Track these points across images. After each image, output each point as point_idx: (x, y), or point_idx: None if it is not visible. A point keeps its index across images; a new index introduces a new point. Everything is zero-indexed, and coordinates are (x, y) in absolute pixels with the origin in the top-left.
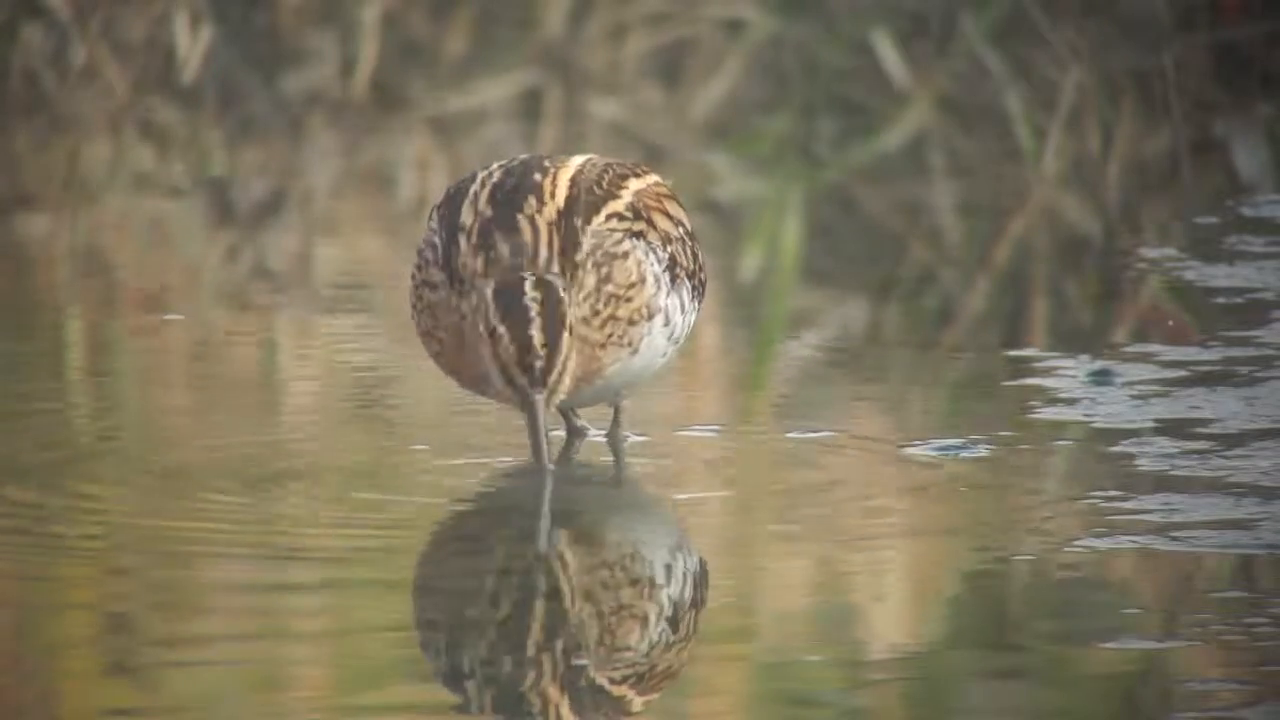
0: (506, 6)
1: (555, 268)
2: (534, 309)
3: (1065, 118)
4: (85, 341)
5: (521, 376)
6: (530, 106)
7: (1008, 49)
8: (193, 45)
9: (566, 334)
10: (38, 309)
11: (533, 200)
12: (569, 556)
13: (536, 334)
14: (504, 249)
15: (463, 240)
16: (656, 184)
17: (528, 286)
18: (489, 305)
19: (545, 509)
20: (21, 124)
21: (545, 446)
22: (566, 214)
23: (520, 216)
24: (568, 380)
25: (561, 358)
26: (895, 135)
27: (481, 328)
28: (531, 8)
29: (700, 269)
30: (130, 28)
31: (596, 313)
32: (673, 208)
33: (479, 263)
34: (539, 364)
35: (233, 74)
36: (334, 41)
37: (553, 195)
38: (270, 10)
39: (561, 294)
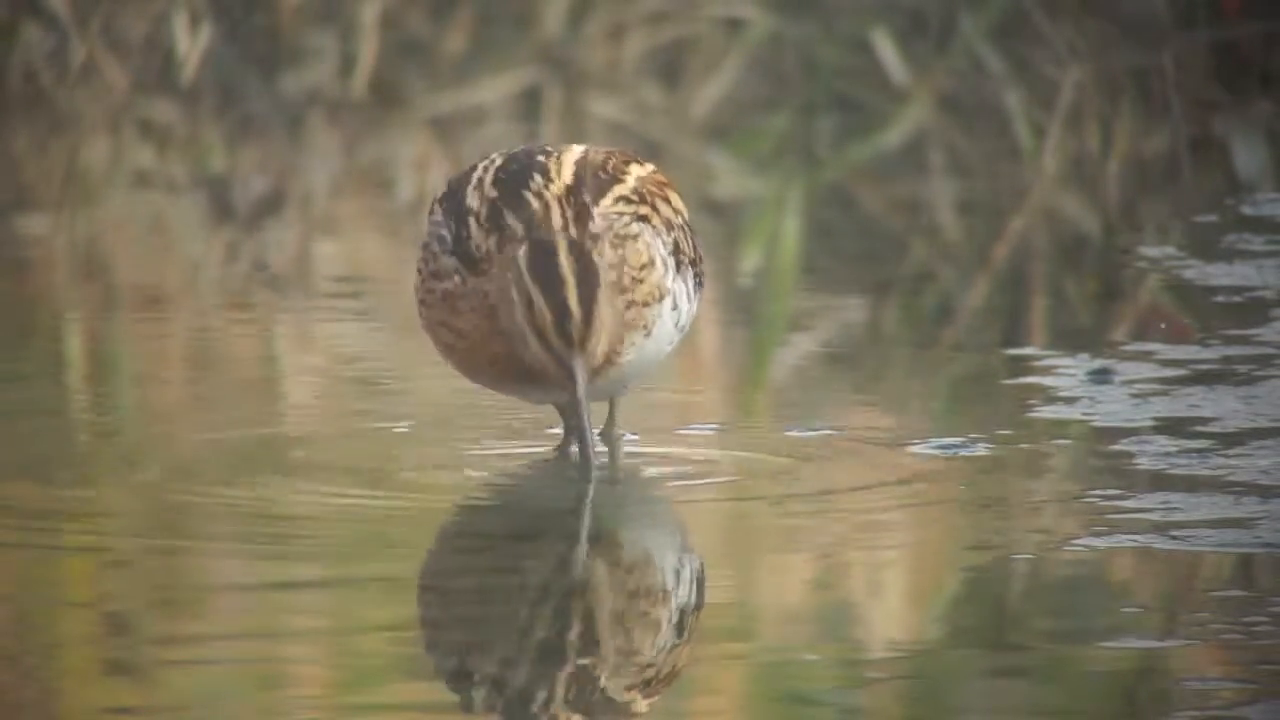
0: (505, 6)
1: (574, 234)
2: (568, 273)
3: (1065, 116)
4: (85, 340)
5: (559, 340)
6: (530, 106)
7: (1007, 48)
8: (192, 45)
9: (602, 295)
10: (38, 308)
11: (538, 177)
12: (568, 555)
13: (572, 298)
14: (514, 223)
15: (472, 223)
16: (655, 173)
17: (561, 251)
18: (524, 273)
19: (586, 509)
20: (21, 123)
21: (589, 433)
22: (575, 190)
23: (527, 193)
24: (605, 344)
25: (599, 321)
26: (895, 134)
27: (515, 295)
28: (531, 7)
29: (700, 260)
30: (130, 27)
31: (623, 289)
32: (673, 197)
33: (492, 242)
34: (576, 330)
35: (232, 73)
36: (333, 41)
37: (559, 174)
38: (270, 10)
39: (593, 255)
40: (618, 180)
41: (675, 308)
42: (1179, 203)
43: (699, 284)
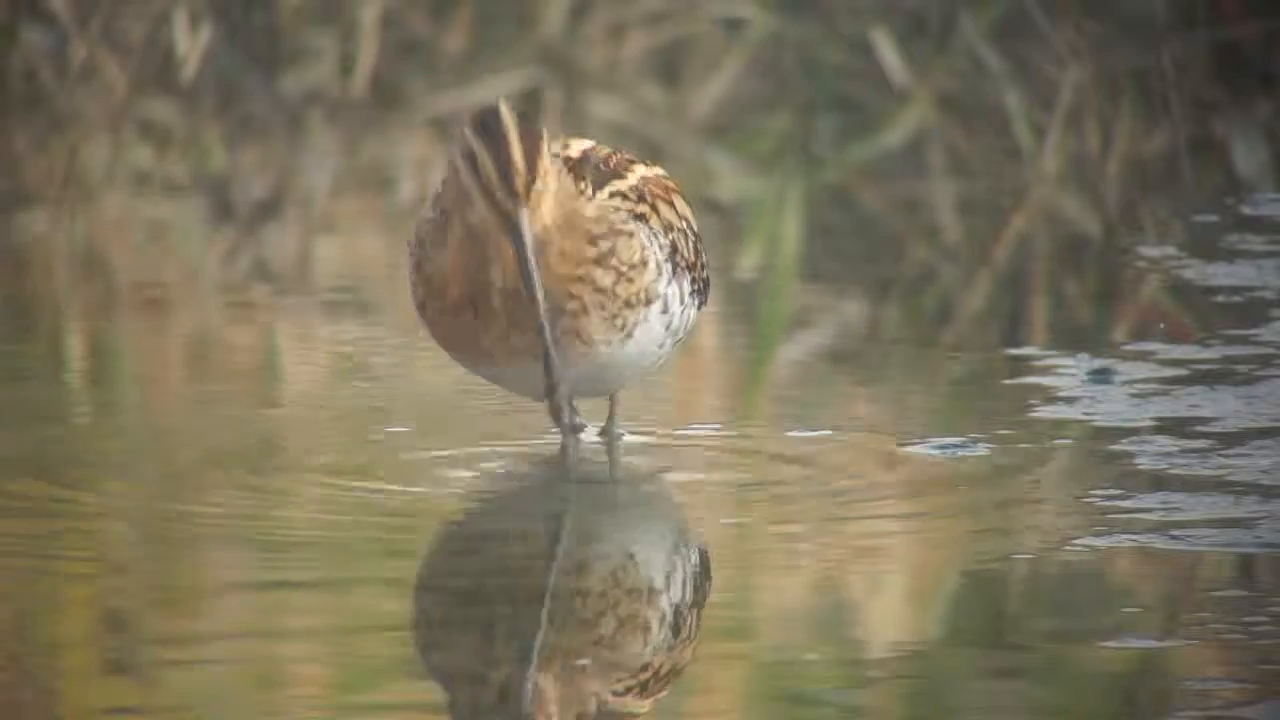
0: (505, 5)
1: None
2: (510, 129)
3: (1064, 116)
4: (85, 340)
5: (503, 192)
6: (529, 106)
7: (1007, 48)
8: (192, 45)
9: (545, 150)
10: (37, 308)
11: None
12: (567, 555)
13: (516, 152)
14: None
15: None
16: (664, 177)
17: (504, 111)
18: (469, 133)
19: (584, 509)
20: (21, 123)
21: (537, 286)
22: (575, 165)
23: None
24: (550, 202)
25: (542, 170)
26: (895, 134)
27: (460, 158)
28: (531, 6)
29: (702, 265)
30: (130, 27)
31: (603, 290)
32: (679, 203)
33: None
34: (520, 181)
35: (232, 73)
36: (334, 41)
37: (564, 148)
38: (270, 10)
39: (540, 126)
40: (618, 176)
41: (665, 311)
42: (1179, 203)
43: (698, 290)
